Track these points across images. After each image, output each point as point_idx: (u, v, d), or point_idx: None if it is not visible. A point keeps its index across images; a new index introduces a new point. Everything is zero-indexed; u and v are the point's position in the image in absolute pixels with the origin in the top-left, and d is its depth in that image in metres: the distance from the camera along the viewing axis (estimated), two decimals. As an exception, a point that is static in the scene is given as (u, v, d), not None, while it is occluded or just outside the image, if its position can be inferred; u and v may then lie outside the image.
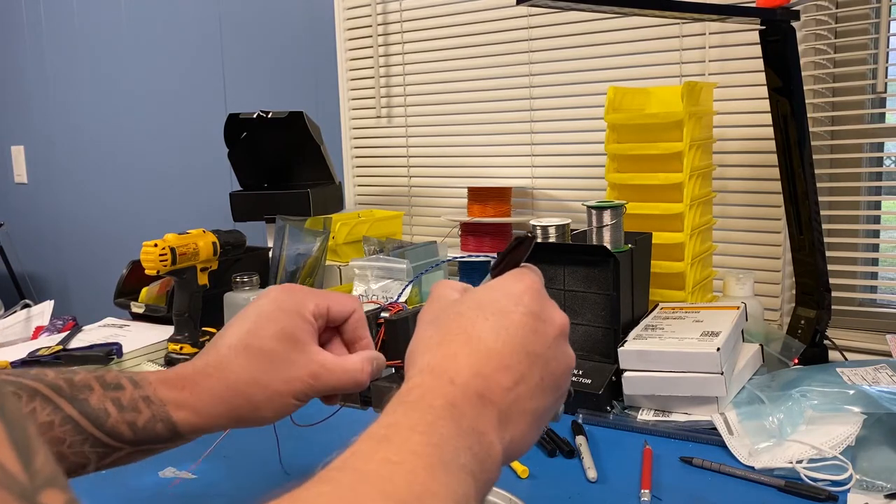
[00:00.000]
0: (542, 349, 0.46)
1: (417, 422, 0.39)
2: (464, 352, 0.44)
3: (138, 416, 0.55)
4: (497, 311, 0.46)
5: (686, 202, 1.11)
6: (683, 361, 0.87)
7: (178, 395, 0.57)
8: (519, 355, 0.45)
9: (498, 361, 0.44)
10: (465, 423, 0.41)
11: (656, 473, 0.76)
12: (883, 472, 0.71)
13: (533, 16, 1.54)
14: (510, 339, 0.45)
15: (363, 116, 1.84)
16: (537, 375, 0.45)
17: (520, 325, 0.46)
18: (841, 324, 1.28)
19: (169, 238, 1.15)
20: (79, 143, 2.59)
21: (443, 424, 0.40)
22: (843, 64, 1.26)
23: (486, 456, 0.41)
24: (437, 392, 0.42)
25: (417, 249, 1.32)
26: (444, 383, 0.43)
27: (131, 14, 2.34)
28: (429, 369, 0.44)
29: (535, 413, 0.45)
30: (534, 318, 0.46)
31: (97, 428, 0.54)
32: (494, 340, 0.45)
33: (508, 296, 0.47)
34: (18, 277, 2.71)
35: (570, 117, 1.52)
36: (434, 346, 0.46)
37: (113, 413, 0.55)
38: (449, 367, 0.43)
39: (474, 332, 0.45)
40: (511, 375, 0.44)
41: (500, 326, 0.45)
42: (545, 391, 0.46)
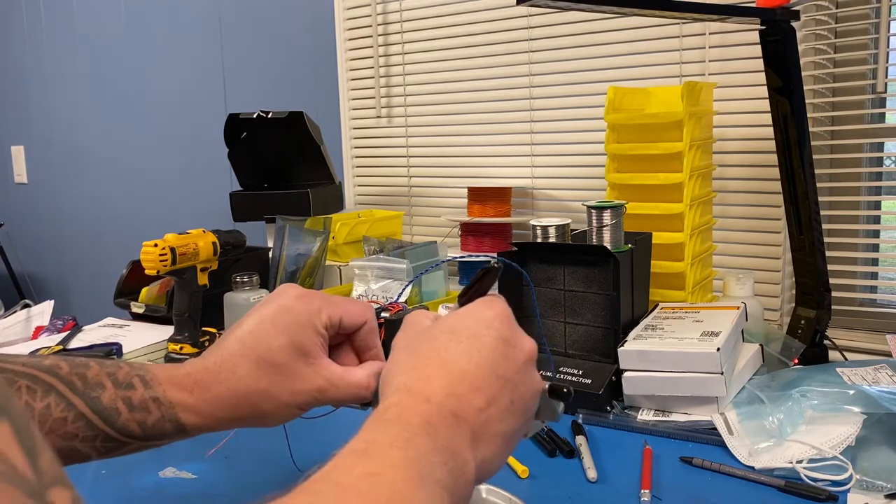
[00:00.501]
0: (511, 373, 0.47)
1: (395, 437, 0.41)
2: (438, 374, 0.46)
3: (148, 415, 0.57)
4: (469, 336, 0.48)
5: (686, 202, 1.11)
6: (683, 361, 0.87)
7: (186, 398, 0.58)
8: (490, 378, 0.46)
9: (470, 383, 0.46)
10: (440, 441, 0.42)
11: (656, 473, 0.76)
12: (883, 472, 0.71)
13: (533, 16, 1.54)
14: (482, 361, 0.47)
15: (363, 116, 1.84)
16: (507, 398, 0.47)
17: (491, 349, 0.47)
18: (841, 324, 1.28)
19: (169, 238, 1.15)
20: (79, 143, 2.59)
21: (419, 441, 0.41)
22: (843, 64, 1.26)
23: (460, 472, 0.42)
24: (414, 410, 0.43)
25: (417, 249, 1.32)
26: (420, 402, 0.44)
27: (131, 14, 2.34)
28: (405, 389, 0.45)
29: (505, 435, 0.47)
30: (504, 343, 0.48)
31: (108, 426, 0.55)
32: (467, 363, 0.46)
33: (480, 321, 0.49)
34: (18, 277, 2.71)
35: (570, 117, 1.52)
36: (409, 368, 0.47)
37: (124, 412, 0.56)
38: (424, 388, 0.45)
39: (447, 356, 0.47)
40: (483, 397, 0.45)
41: (472, 349, 0.47)
42: (514, 414, 0.47)
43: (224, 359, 0.59)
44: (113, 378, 0.57)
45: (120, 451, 0.57)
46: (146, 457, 0.84)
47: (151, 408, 0.57)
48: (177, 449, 0.86)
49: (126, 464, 0.83)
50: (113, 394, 0.56)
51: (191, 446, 0.86)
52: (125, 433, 0.56)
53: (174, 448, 0.86)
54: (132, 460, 0.83)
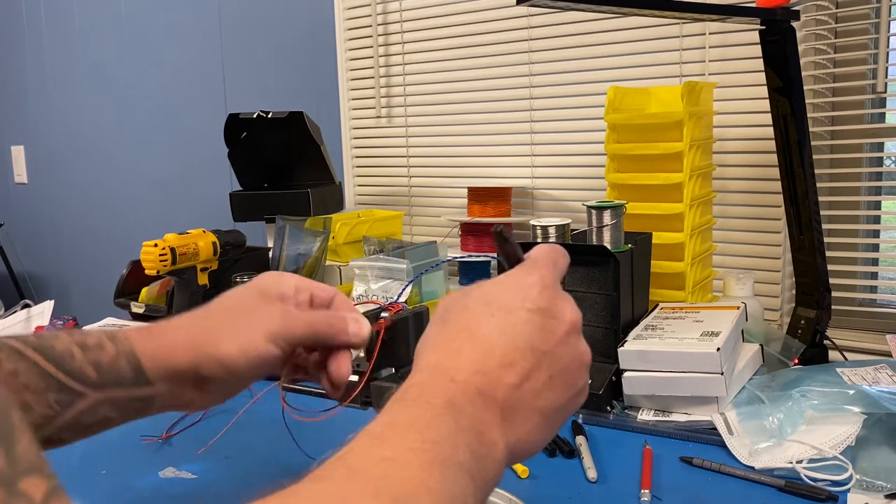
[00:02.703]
0: (550, 346, 0.45)
1: (415, 419, 0.39)
2: (467, 348, 0.44)
3: (103, 353, 0.54)
4: (502, 308, 0.45)
5: (686, 202, 1.11)
6: (683, 361, 0.87)
7: (144, 336, 0.56)
8: (524, 352, 0.44)
9: (501, 358, 0.43)
10: (465, 421, 0.40)
11: (656, 473, 0.76)
12: (883, 472, 0.71)
13: (533, 16, 1.54)
14: (515, 335, 0.44)
15: (363, 116, 1.84)
16: (545, 373, 0.44)
17: (525, 322, 0.45)
18: (841, 324, 1.28)
19: (169, 238, 1.15)
20: (79, 143, 2.59)
21: (441, 421, 0.39)
22: (843, 64, 1.26)
23: (486, 455, 0.40)
24: (437, 390, 0.41)
25: (417, 249, 1.32)
26: (445, 381, 0.42)
27: (131, 14, 2.34)
28: (430, 367, 0.44)
29: (546, 411, 0.44)
30: (541, 315, 0.45)
31: (61, 370, 0.52)
32: (498, 337, 0.44)
33: (515, 291, 0.46)
34: (18, 277, 2.71)
35: (570, 117, 1.52)
36: (438, 343, 0.45)
37: (78, 354, 0.53)
38: (450, 365, 0.43)
39: (478, 329, 0.45)
40: (516, 372, 0.43)
41: (505, 323, 0.44)
42: (555, 388, 0.45)
43: (191, 312, 0.59)
44: (69, 331, 0.55)
45: (75, 407, 0.52)
46: (146, 457, 0.84)
47: (107, 345, 0.54)
48: (177, 449, 0.86)
49: (126, 464, 0.83)
50: (68, 341, 0.53)
51: (190, 446, 0.87)
52: (79, 378, 0.52)
53: (174, 448, 0.86)
54: (132, 460, 0.84)
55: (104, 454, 0.86)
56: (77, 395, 0.52)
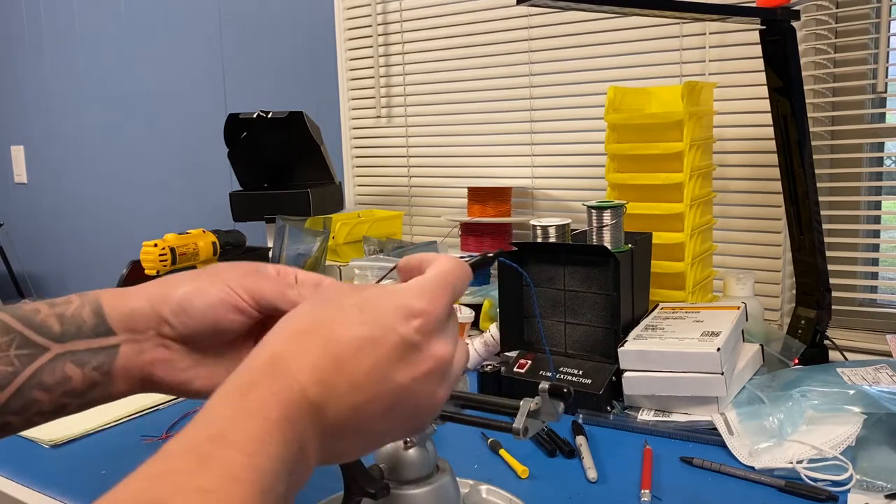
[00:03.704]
0: (405, 379, 0.41)
1: (248, 437, 0.35)
2: (318, 349, 0.40)
3: (68, 306, 0.53)
4: (375, 324, 0.42)
5: (686, 202, 1.11)
6: (683, 361, 0.87)
7: (110, 292, 0.55)
8: (376, 378, 0.40)
9: (349, 377, 0.40)
10: (293, 441, 0.37)
11: (656, 473, 0.76)
12: (883, 472, 0.71)
13: (533, 16, 1.54)
14: (373, 358, 0.41)
15: (363, 116, 1.84)
16: (388, 402, 0.41)
17: (390, 348, 0.41)
18: (841, 324, 1.28)
19: (169, 238, 1.15)
20: (79, 143, 2.59)
21: (272, 442, 0.35)
22: (843, 64, 1.26)
23: (300, 471, 0.37)
24: (277, 397, 0.37)
25: (417, 249, 1.32)
26: (286, 386, 0.38)
27: (131, 14, 2.34)
28: (274, 360, 0.40)
29: (376, 434, 0.42)
30: (410, 348, 0.42)
31: (25, 325, 0.51)
32: (355, 353, 0.40)
33: (396, 311, 0.42)
34: (18, 277, 2.71)
35: (570, 117, 1.52)
36: (294, 332, 0.42)
37: (44, 310, 0.52)
38: (295, 364, 0.39)
39: (340, 335, 0.41)
40: (359, 395, 0.40)
41: (369, 341, 0.41)
42: (392, 419, 0.42)
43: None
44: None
45: (35, 362, 0.51)
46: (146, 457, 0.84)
47: (74, 299, 0.53)
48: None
49: (126, 464, 0.83)
50: (39, 303, 0.53)
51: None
52: (42, 331, 0.51)
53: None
54: (132, 460, 0.84)
55: (104, 454, 0.86)
56: (39, 349, 0.51)
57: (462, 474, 0.61)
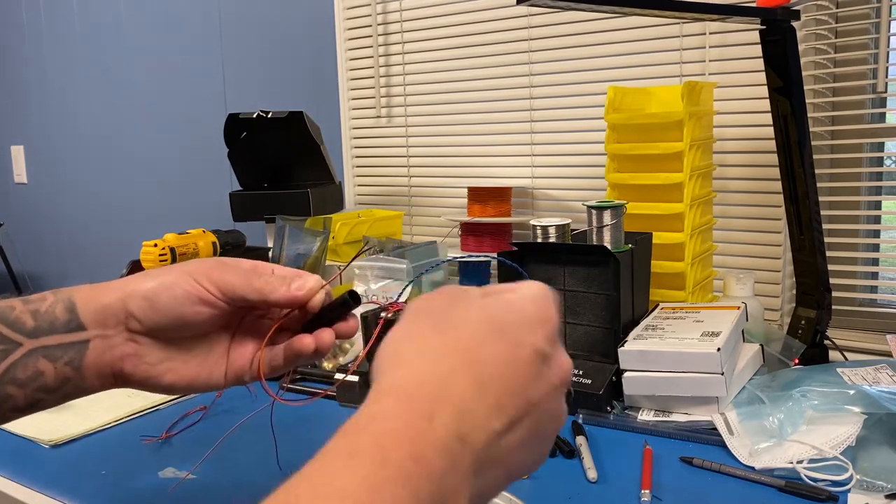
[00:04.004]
0: (538, 397, 0.38)
1: (357, 485, 0.29)
2: (462, 374, 0.35)
3: (42, 303, 0.53)
4: (510, 338, 0.38)
5: (686, 202, 1.11)
6: (684, 361, 0.87)
7: (87, 286, 0.55)
8: (518, 398, 0.36)
9: (495, 399, 0.35)
10: (426, 487, 0.30)
11: (656, 473, 0.76)
12: (883, 472, 0.71)
13: (533, 16, 1.54)
14: (515, 375, 0.37)
15: (363, 116, 1.84)
16: (528, 425, 0.37)
17: (528, 363, 0.37)
18: (841, 324, 1.28)
19: (169, 238, 1.15)
20: (79, 143, 2.59)
21: (392, 490, 0.29)
22: (843, 64, 1.26)
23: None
24: (403, 434, 0.31)
25: (417, 249, 1.32)
26: (418, 418, 0.32)
27: (131, 14, 2.34)
28: (404, 389, 0.34)
29: (514, 468, 0.37)
30: (543, 360, 0.38)
31: (0, 321, 0.51)
32: (500, 373, 0.36)
33: (527, 324, 0.39)
34: (18, 277, 2.71)
35: (570, 117, 1.52)
36: (426, 351, 0.37)
37: (18, 307, 0.53)
38: (435, 393, 0.34)
39: (479, 355, 0.36)
40: (505, 418, 0.35)
41: (510, 357, 0.37)
42: (530, 446, 0.38)
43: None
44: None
45: (8, 358, 0.51)
46: (146, 457, 0.84)
47: (48, 296, 0.54)
48: (177, 449, 0.86)
49: (126, 464, 0.83)
50: (14, 299, 0.53)
51: (190, 446, 0.87)
52: (16, 328, 0.51)
53: (174, 448, 0.86)
54: (132, 460, 0.84)
55: (104, 454, 0.86)
56: (13, 345, 0.51)
57: (462, 474, 0.61)
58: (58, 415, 0.95)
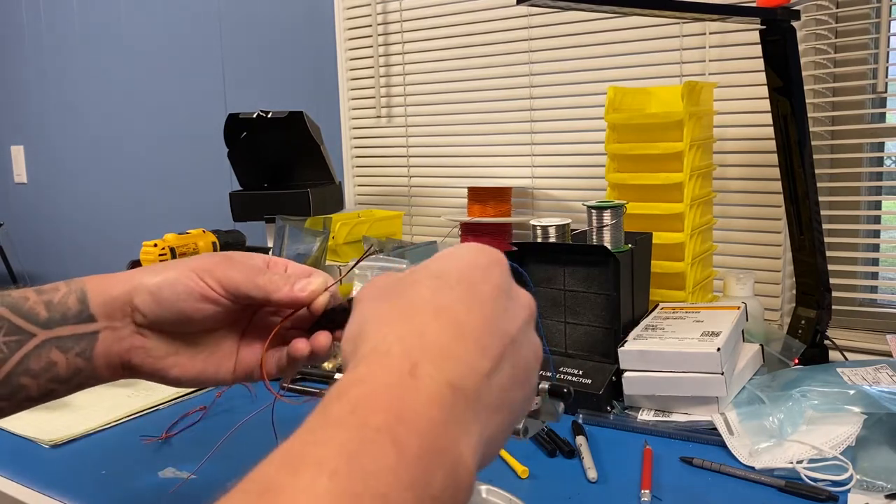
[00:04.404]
0: (514, 330, 0.37)
1: (335, 453, 0.27)
2: (433, 326, 0.35)
3: (56, 293, 0.54)
4: (463, 281, 0.37)
5: (686, 202, 1.11)
6: (684, 361, 0.87)
7: (99, 276, 0.56)
8: (495, 335, 0.36)
9: (474, 340, 0.35)
10: (417, 442, 0.29)
11: (656, 473, 0.76)
12: (883, 472, 0.71)
13: (533, 16, 1.54)
14: (485, 314, 0.36)
15: (363, 116, 1.84)
16: (510, 363, 0.37)
17: (493, 300, 0.37)
18: (841, 324, 1.28)
19: (169, 238, 1.15)
20: (79, 143, 2.59)
21: (372, 454, 0.28)
22: (844, 64, 1.26)
23: (449, 481, 0.29)
24: (383, 396, 0.31)
25: (417, 249, 1.32)
26: (400, 377, 0.32)
27: (131, 14, 2.34)
28: (380, 351, 0.34)
29: (511, 407, 0.37)
30: (505, 295, 0.38)
31: (14, 312, 0.52)
32: (467, 313, 0.36)
33: (473, 267, 0.39)
34: (18, 277, 2.71)
35: (570, 117, 1.52)
36: (394, 318, 0.36)
37: (32, 297, 0.53)
38: (413, 348, 0.33)
39: (441, 302, 0.36)
40: (489, 358, 0.35)
41: (470, 298, 0.37)
42: (519, 383, 0.37)
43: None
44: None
45: (22, 348, 0.51)
46: (146, 457, 0.84)
47: (61, 287, 0.54)
48: (177, 449, 0.86)
49: (126, 464, 0.83)
50: (27, 289, 0.54)
51: (190, 446, 0.87)
52: (30, 318, 0.52)
53: (174, 448, 0.86)
54: (132, 460, 0.84)
55: (104, 454, 0.86)
56: (26, 336, 0.52)
57: (462, 474, 0.61)
58: (58, 415, 0.95)
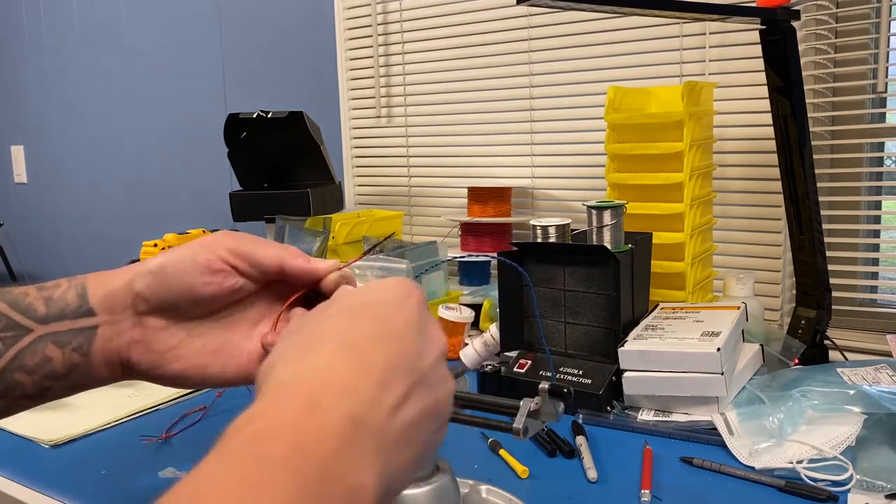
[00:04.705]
0: (424, 366, 0.38)
1: (234, 485, 0.28)
2: (338, 361, 0.36)
3: (56, 289, 0.53)
4: (376, 317, 0.39)
5: (686, 202, 1.11)
6: (684, 361, 0.87)
7: (102, 272, 0.55)
8: (402, 370, 0.37)
9: (379, 375, 0.35)
10: (315, 472, 0.30)
11: (656, 473, 0.76)
12: (883, 472, 0.71)
13: (533, 16, 1.54)
14: (393, 351, 0.37)
15: (363, 116, 1.84)
16: (419, 397, 0.37)
17: (402, 336, 0.38)
18: (841, 324, 1.28)
19: (169, 238, 1.15)
20: (79, 142, 2.59)
21: (273, 487, 0.28)
22: (843, 64, 1.26)
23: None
24: (284, 429, 0.31)
25: (417, 249, 1.32)
26: (299, 409, 0.32)
27: (131, 14, 2.34)
28: (283, 385, 0.35)
29: (420, 444, 0.37)
30: (417, 332, 0.39)
31: (12, 308, 0.51)
32: (374, 350, 0.37)
33: (387, 303, 0.40)
34: (18, 277, 2.71)
35: (570, 117, 1.52)
36: (300, 352, 0.37)
37: (32, 293, 0.52)
38: (314, 383, 0.34)
39: (349, 337, 0.37)
40: (396, 393, 0.36)
41: (380, 334, 0.38)
42: (429, 419, 0.38)
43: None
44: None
45: (19, 343, 0.51)
46: (146, 457, 0.84)
47: (62, 283, 0.53)
48: (177, 449, 0.86)
49: (126, 464, 0.83)
50: (29, 286, 0.53)
51: (190, 446, 0.87)
52: (28, 314, 0.51)
53: (174, 448, 0.86)
54: (132, 460, 0.84)
55: (104, 454, 0.86)
56: (23, 331, 0.51)
57: (462, 474, 0.61)
58: (58, 415, 0.95)
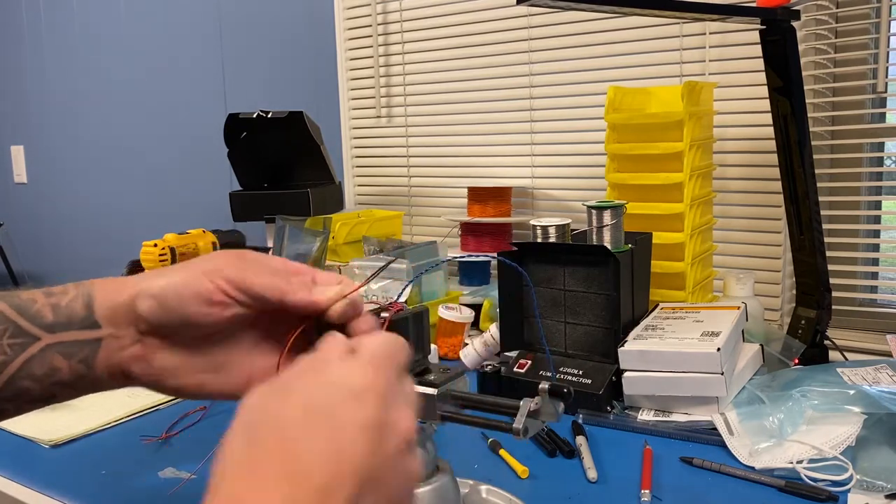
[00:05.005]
0: (378, 469, 0.38)
1: None
2: (278, 479, 0.35)
3: (63, 296, 0.52)
4: (328, 420, 0.38)
5: (686, 202, 1.11)
6: (684, 361, 0.87)
7: (108, 280, 0.54)
8: (350, 480, 0.36)
9: (323, 492, 0.35)
10: None
11: (656, 473, 0.76)
12: (883, 472, 0.71)
13: (533, 16, 1.54)
14: (341, 459, 0.36)
15: (363, 116, 1.84)
16: (371, 498, 0.37)
17: (355, 442, 0.37)
18: (841, 324, 1.28)
19: (169, 238, 1.15)
20: (79, 143, 2.59)
21: None
22: (843, 64, 1.26)
23: None
24: None
25: (417, 249, 1.32)
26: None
27: (131, 14, 2.34)
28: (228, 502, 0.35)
29: None
30: (375, 431, 0.38)
31: (20, 314, 0.51)
32: (320, 464, 0.36)
33: (347, 398, 0.39)
34: (18, 277, 2.71)
35: (570, 117, 1.52)
36: (244, 466, 0.37)
37: (40, 300, 0.52)
38: (255, 500, 0.35)
39: (295, 451, 0.36)
40: (336, 500, 0.36)
41: (329, 442, 0.37)
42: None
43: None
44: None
45: (26, 351, 0.50)
46: (146, 457, 0.84)
47: (70, 289, 0.53)
48: (177, 449, 0.86)
49: (126, 464, 0.83)
50: (37, 291, 0.53)
51: (190, 446, 0.87)
52: (36, 321, 0.51)
53: (174, 448, 0.86)
54: (132, 460, 0.84)
55: (104, 454, 0.86)
56: (31, 339, 0.51)
57: (462, 474, 0.61)
58: (58, 415, 0.95)
